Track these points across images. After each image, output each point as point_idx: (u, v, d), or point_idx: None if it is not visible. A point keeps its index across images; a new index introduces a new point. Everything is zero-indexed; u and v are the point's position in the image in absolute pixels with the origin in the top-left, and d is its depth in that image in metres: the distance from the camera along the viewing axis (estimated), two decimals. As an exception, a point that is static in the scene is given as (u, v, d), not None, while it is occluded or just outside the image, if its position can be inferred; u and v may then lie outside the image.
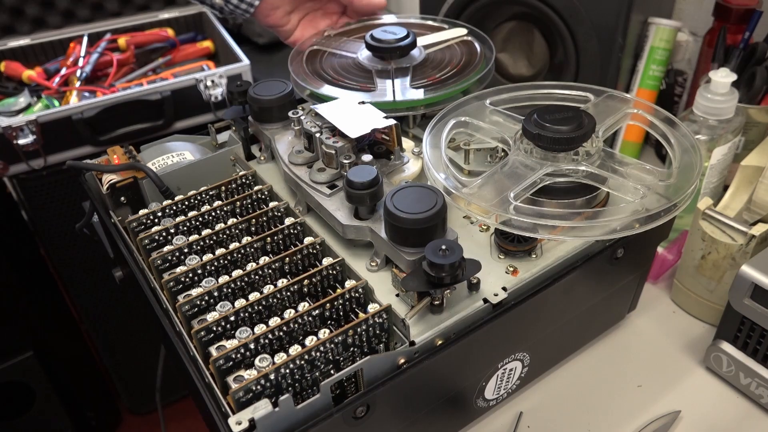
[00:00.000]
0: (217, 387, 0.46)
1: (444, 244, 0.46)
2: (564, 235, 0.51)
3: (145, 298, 0.56)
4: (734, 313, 0.60)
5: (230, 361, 0.46)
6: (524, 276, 0.53)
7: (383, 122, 0.59)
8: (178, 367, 0.54)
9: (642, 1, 0.83)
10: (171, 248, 0.55)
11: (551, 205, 0.54)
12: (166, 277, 0.52)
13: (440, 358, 0.48)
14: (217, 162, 0.68)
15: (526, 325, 0.55)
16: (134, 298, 0.67)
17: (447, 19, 0.82)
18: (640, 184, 0.54)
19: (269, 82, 0.68)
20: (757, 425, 0.60)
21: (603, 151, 0.56)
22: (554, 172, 0.55)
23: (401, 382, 0.46)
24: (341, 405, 0.44)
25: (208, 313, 0.51)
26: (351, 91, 0.68)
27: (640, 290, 0.68)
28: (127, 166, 0.65)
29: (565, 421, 0.61)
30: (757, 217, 0.66)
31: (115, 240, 0.62)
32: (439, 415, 0.55)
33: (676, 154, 0.57)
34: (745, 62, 0.80)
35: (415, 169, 0.61)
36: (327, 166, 0.59)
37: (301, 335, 0.49)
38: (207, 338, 0.48)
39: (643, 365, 0.66)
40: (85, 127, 1.11)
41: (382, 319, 0.49)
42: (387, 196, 0.50)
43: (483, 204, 0.52)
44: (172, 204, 0.60)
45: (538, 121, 0.55)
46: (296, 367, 0.45)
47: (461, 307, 0.50)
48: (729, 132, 0.72)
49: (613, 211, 0.53)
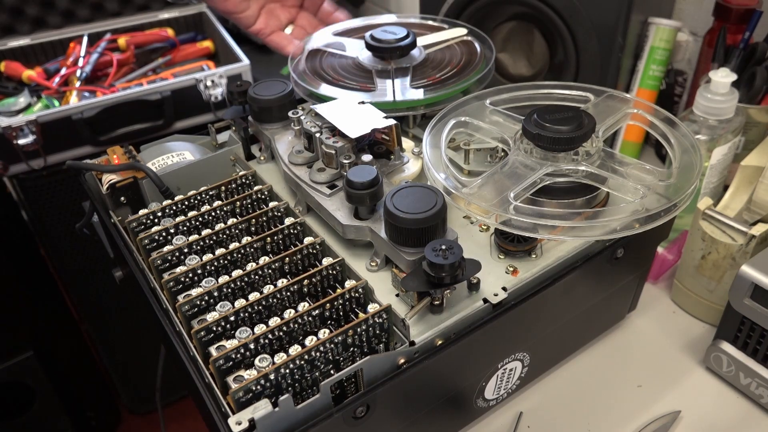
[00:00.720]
0: (217, 387, 0.46)
1: (444, 244, 0.46)
2: (564, 235, 0.51)
3: (145, 298, 0.56)
4: (734, 313, 0.60)
5: (230, 361, 0.46)
6: (524, 276, 0.53)
7: (383, 122, 0.59)
8: (178, 367, 0.54)
9: (642, 1, 0.83)
10: (171, 248, 0.55)
11: (551, 205, 0.54)
12: (166, 277, 0.52)
13: (440, 358, 0.48)
14: (217, 162, 0.68)
15: (526, 325, 0.55)
16: (134, 298, 0.67)
17: (447, 19, 0.82)
18: (640, 184, 0.54)
19: (269, 82, 0.68)
20: (757, 425, 0.60)
21: (603, 151, 0.56)
22: (554, 172, 0.55)
23: (401, 382, 0.46)
24: (341, 405, 0.44)
25: (208, 313, 0.51)
26: (351, 91, 0.68)
27: (640, 290, 0.68)
28: (127, 166, 0.65)
29: (565, 421, 0.61)
30: (757, 217, 0.66)
31: (115, 240, 0.62)
32: (439, 415, 0.55)
33: (676, 154, 0.57)
34: (745, 62, 0.80)
35: (415, 169, 0.61)
36: (327, 166, 0.59)
37: (301, 335, 0.49)
38: (207, 338, 0.48)
39: (643, 365, 0.66)
40: (85, 127, 1.11)
41: (382, 319, 0.49)
42: (387, 196, 0.50)
43: (483, 204, 0.52)
44: (172, 204, 0.60)
45: (538, 121, 0.55)
46: (296, 367, 0.45)
47: (461, 307, 0.50)
48: (729, 132, 0.72)
49: (613, 211, 0.53)
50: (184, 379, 0.55)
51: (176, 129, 1.19)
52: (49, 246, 1.24)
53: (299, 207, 0.61)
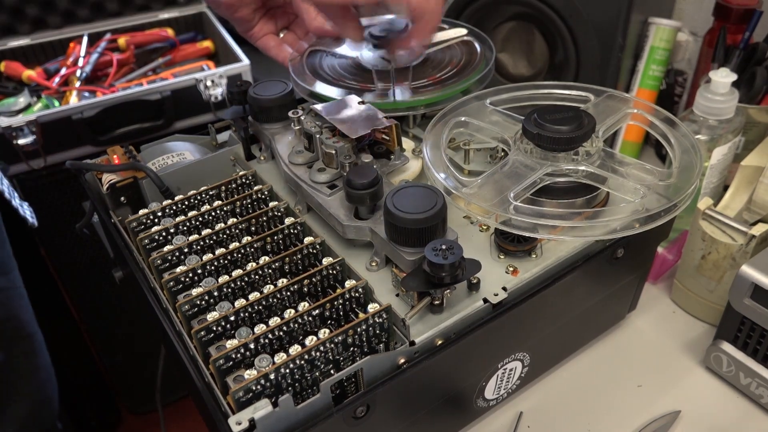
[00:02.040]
0: (216, 387, 0.46)
1: (444, 244, 0.46)
2: (564, 234, 0.51)
3: (145, 298, 0.56)
4: (734, 314, 0.60)
5: (230, 360, 0.46)
6: (524, 276, 0.53)
7: (383, 122, 0.59)
8: (179, 367, 0.54)
9: (642, 1, 0.83)
10: (171, 248, 0.55)
11: (551, 205, 0.54)
12: (166, 277, 0.52)
13: (440, 358, 0.48)
14: (216, 162, 0.68)
15: (527, 325, 0.55)
16: (134, 298, 0.67)
17: (447, 19, 0.82)
18: (640, 184, 0.54)
19: (269, 82, 0.68)
20: (757, 425, 0.60)
21: (603, 151, 0.56)
22: (554, 172, 0.55)
23: (401, 382, 0.46)
24: (341, 405, 0.44)
25: (208, 313, 0.51)
26: (351, 90, 0.68)
27: (640, 290, 0.68)
28: (127, 166, 0.65)
29: (565, 421, 0.61)
30: (758, 217, 0.66)
31: (115, 240, 0.62)
32: (439, 415, 0.55)
33: (676, 154, 0.57)
34: (745, 62, 0.80)
35: (415, 169, 0.61)
36: (327, 166, 0.59)
37: (301, 335, 0.49)
38: (207, 338, 0.48)
39: (643, 365, 0.66)
40: (85, 127, 1.11)
41: (382, 318, 0.49)
42: (387, 196, 0.50)
43: (483, 204, 0.52)
44: (172, 204, 0.60)
45: (538, 121, 0.55)
46: (296, 366, 0.45)
47: (461, 307, 0.50)
48: (729, 132, 0.72)
49: (613, 211, 0.53)
50: (184, 379, 0.55)
51: (176, 129, 1.19)
52: (49, 246, 1.24)
53: (299, 207, 0.61)
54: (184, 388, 0.65)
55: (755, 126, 0.79)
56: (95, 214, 0.68)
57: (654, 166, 0.55)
